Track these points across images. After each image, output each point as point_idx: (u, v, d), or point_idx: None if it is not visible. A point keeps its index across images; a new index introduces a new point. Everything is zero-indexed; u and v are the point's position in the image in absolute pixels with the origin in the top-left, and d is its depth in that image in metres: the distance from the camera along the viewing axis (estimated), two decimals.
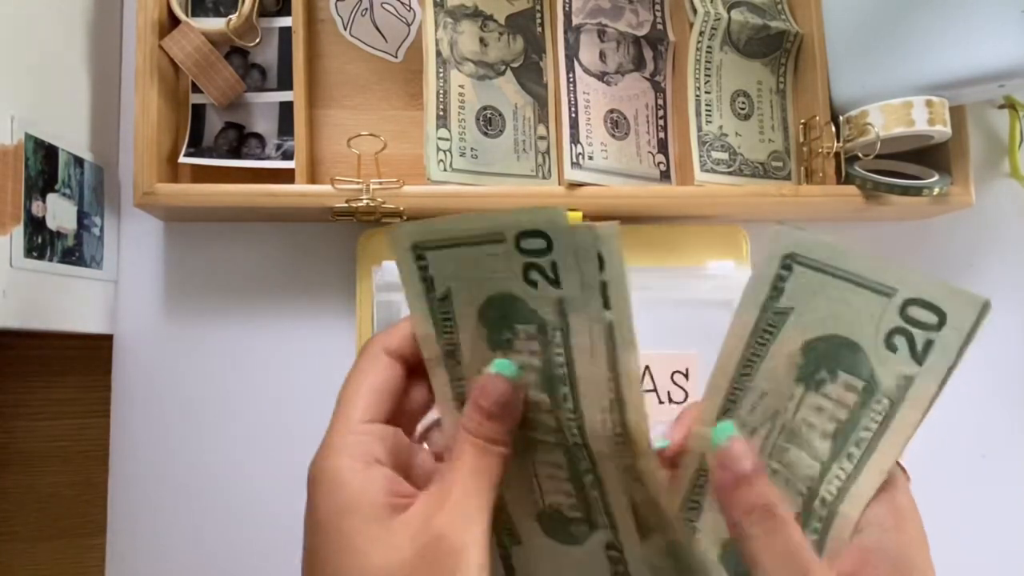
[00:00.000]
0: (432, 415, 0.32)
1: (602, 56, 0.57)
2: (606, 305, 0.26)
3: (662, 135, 0.58)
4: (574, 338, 0.28)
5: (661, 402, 0.54)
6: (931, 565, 0.27)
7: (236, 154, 0.55)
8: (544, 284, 0.28)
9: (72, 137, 0.51)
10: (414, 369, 0.31)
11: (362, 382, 0.30)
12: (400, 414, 0.31)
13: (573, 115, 0.54)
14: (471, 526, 0.27)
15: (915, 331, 0.27)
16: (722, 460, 0.28)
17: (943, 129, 0.52)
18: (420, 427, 0.33)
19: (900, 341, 0.27)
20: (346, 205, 0.50)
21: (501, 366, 0.29)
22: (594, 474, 0.29)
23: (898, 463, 0.29)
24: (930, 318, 0.26)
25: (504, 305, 0.29)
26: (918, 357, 0.27)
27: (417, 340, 0.31)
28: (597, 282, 0.26)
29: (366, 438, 0.28)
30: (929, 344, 0.26)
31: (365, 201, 0.50)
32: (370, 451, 0.28)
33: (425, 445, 0.32)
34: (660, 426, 0.31)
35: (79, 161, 0.52)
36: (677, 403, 0.54)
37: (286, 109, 0.55)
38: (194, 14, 0.55)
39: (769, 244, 0.28)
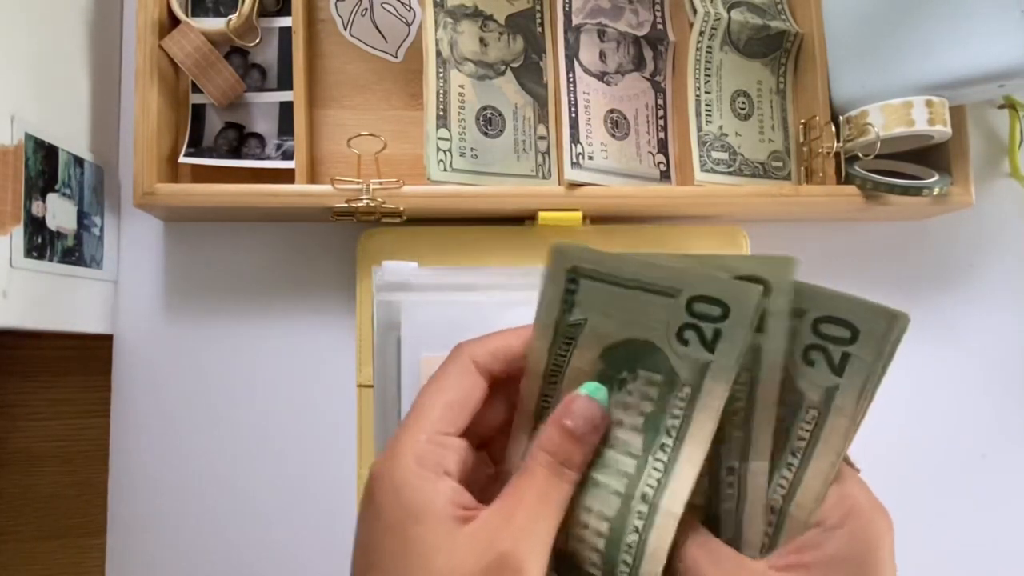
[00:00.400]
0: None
1: (602, 56, 0.57)
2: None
3: (662, 135, 0.58)
4: (703, 399, 0.28)
5: None
6: (885, 558, 0.27)
7: (236, 154, 0.55)
8: (696, 346, 0.28)
9: (72, 137, 0.51)
10: (494, 385, 0.31)
11: (446, 392, 0.29)
12: (473, 428, 0.30)
13: (573, 115, 0.54)
14: (535, 548, 0.26)
15: (830, 346, 0.28)
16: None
17: (943, 129, 0.52)
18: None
19: (817, 356, 0.28)
20: (346, 205, 0.50)
21: (592, 389, 0.29)
22: (641, 536, 0.28)
23: (847, 459, 0.29)
24: (842, 333, 0.27)
25: (638, 350, 0.29)
26: (836, 370, 0.28)
27: (520, 349, 0.30)
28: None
29: (439, 449, 0.28)
30: (845, 357, 0.27)
31: (365, 201, 0.50)
32: (441, 463, 0.28)
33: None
34: None
35: (79, 161, 0.52)
36: None
37: (286, 109, 0.55)
38: (194, 14, 0.55)
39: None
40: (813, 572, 0.27)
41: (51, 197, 0.48)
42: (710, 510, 0.30)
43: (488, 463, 0.32)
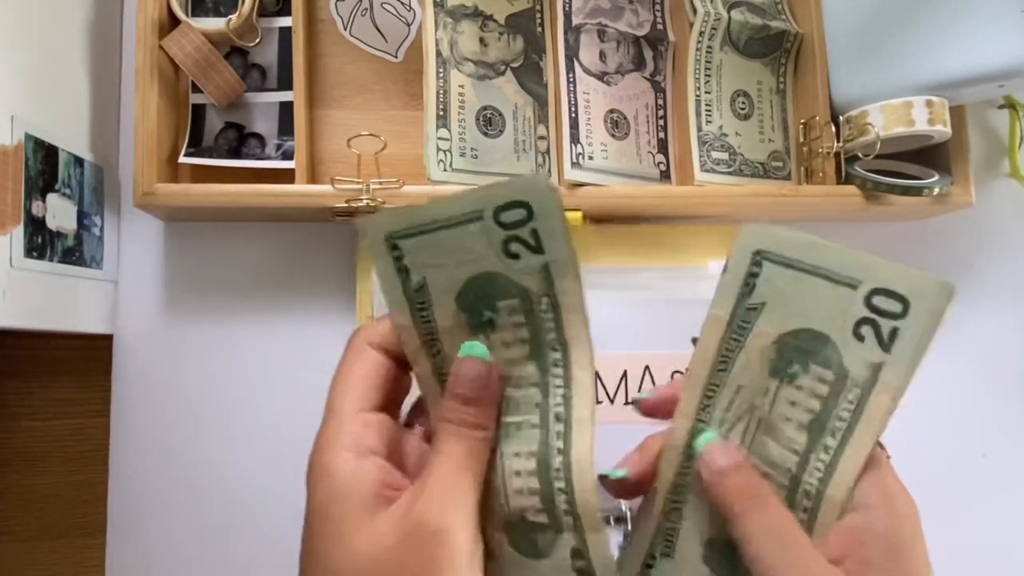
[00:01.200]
0: (412, 397, 0.33)
1: (602, 56, 0.57)
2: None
3: (662, 135, 0.58)
4: (563, 298, 0.28)
5: None
6: (921, 539, 0.28)
7: (236, 154, 0.55)
8: (526, 254, 0.28)
9: (72, 137, 0.51)
10: (401, 360, 0.31)
11: (350, 374, 0.30)
12: (391, 404, 0.31)
13: (573, 115, 0.54)
14: (452, 510, 0.27)
15: (881, 320, 0.27)
16: (707, 461, 0.29)
17: (943, 129, 0.52)
18: (404, 409, 0.33)
19: (867, 331, 0.28)
20: (346, 205, 0.50)
21: (470, 348, 0.30)
22: (564, 457, 0.29)
23: (878, 442, 0.29)
24: (894, 307, 0.27)
25: (483, 285, 0.29)
26: (885, 345, 0.27)
27: (399, 332, 0.31)
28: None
29: (359, 428, 0.29)
30: (895, 332, 0.27)
31: (365, 201, 0.50)
32: (363, 441, 0.28)
33: (417, 429, 0.32)
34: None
35: (79, 161, 0.52)
36: None
37: (286, 109, 0.55)
38: (194, 14, 0.55)
39: (739, 241, 0.29)
40: (872, 561, 0.27)
41: (51, 197, 0.48)
42: (792, 486, 0.30)
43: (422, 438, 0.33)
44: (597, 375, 0.30)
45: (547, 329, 0.29)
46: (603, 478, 0.31)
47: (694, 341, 0.31)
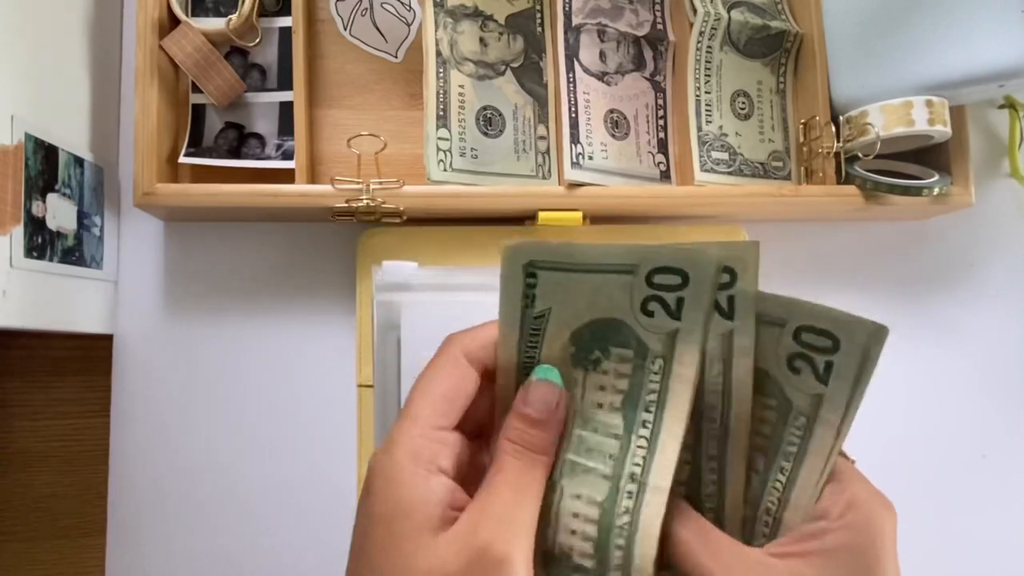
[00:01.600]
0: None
1: (602, 56, 0.57)
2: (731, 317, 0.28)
3: (662, 135, 0.58)
4: (678, 366, 0.28)
5: None
6: (887, 547, 0.27)
7: (236, 154, 0.55)
8: (662, 315, 0.28)
9: (72, 137, 0.51)
10: (487, 375, 0.31)
11: (437, 385, 0.30)
12: (470, 421, 0.30)
13: (573, 115, 0.54)
14: (515, 537, 0.27)
15: (814, 355, 0.28)
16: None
17: (943, 129, 0.52)
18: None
19: (802, 365, 0.28)
20: (346, 205, 0.50)
21: (544, 372, 0.29)
22: (632, 516, 0.28)
23: (842, 453, 0.29)
24: (824, 343, 0.28)
25: (605, 329, 0.29)
26: (821, 378, 0.28)
27: (498, 352, 0.30)
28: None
29: (434, 445, 0.28)
30: (829, 366, 0.28)
31: (365, 201, 0.50)
32: (435, 459, 0.28)
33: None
34: None
35: (79, 161, 0.52)
36: None
37: (286, 109, 0.55)
38: (194, 14, 0.55)
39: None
40: (811, 561, 0.27)
41: (51, 197, 0.48)
42: (693, 495, 0.30)
43: (487, 453, 0.33)
44: None
45: (649, 389, 0.29)
46: None
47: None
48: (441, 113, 0.52)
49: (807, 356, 0.28)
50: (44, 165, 0.48)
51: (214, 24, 0.54)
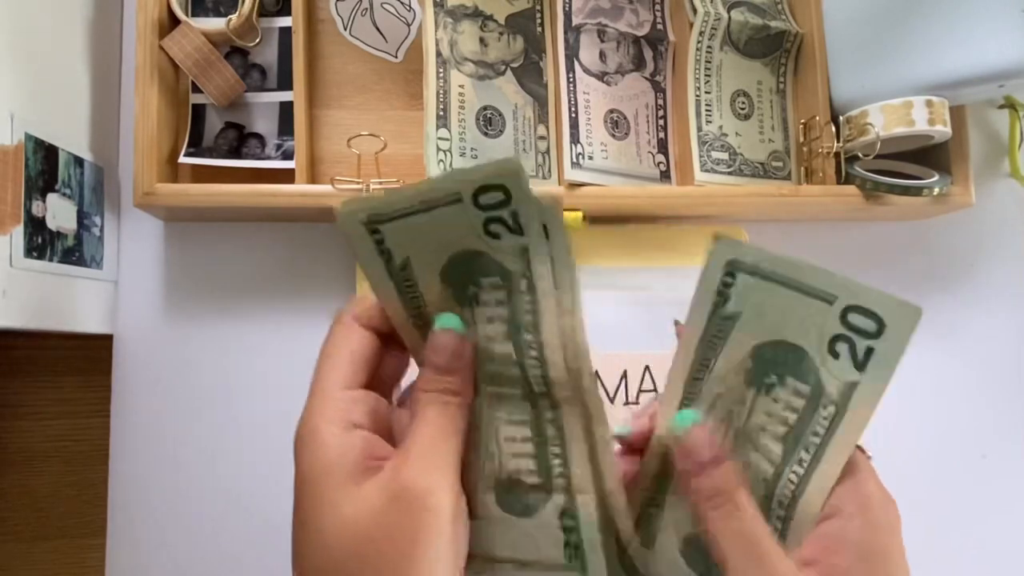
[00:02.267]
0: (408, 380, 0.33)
1: (602, 56, 0.57)
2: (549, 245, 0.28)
3: (662, 135, 0.58)
4: (538, 282, 0.29)
5: None
6: (898, 547, 0.28)
7: (236, 154, 0.55)
8: (507, 234, 0.29)
9: (72, 137, 0.51)
10: (386, 337, 0.32)
11: (337, 352, 0.31)
12: (378, 381, 0.32)
13: (573, 115, 0.54)
14: (435, 473, 0.28)
15: (856, 338, 0.28)
16: (685, 447, 0.30)
17: (943, 129, 0.52)
18: (399, 391, 0.34)
19: (842, 348, 0.28)
20: None
21: (444, 320, 0.30)
22: (556, 425, 0.30)
23: (858, 446, 0.29)
24: (869, 326, 0.28)
25: (467, 262, 0.30)
26: (859, 364, 0.28)
27: (386, 311, 0.31)
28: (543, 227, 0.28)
29: (345, 404, 0.29)
30: (869, 352, 0.28)
31: None
32: (348, 416, 0.29)
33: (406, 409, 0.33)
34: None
35: (79, 161, 0.52)
36: None
37: (286, 109, 0.55)
38: (194, 14, 0.55)
39: (711, 254, 0.29)
40: (842, 567, 0.27)
41: (51, 197, 0.48)
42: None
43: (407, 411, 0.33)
44: (597, 374, 0.30)
45: (524, 310, 0.29)
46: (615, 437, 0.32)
47: (676, 324, 0.31)
48: (441, 113, 0.52)
49: (849, 339, 0.28)
50: (44, 165, 0.48)
51: (214, 24, 0.54)
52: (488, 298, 0.30)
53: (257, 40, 0.55)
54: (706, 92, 0.56)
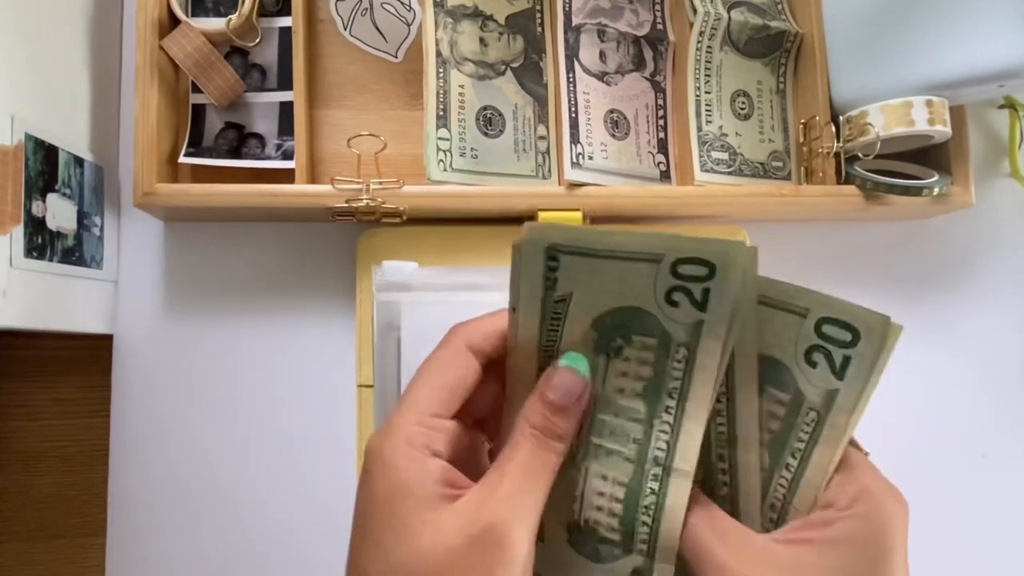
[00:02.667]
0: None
1: (602, 56, 0.57)
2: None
3: (662, 135, 0.58)
4: (702, 357, 0.28)
5: None
6: (898, 542, 0.27)
7: (236, 154, 0.55)
8: (687, 306, 0.28)
9: (72, 137, 0.51)
10: (492, 368, 0.31)
11: (438, 374, 0.30)
12: (465, 411, 0.31)
13: (573, 115, 0.54)
14: (520, 520, 0.27)
15: (832, 348, 0.28)
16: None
17: (943, 129, 0.52)
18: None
19: (819, 357, 0.28)
20: (346, 205, 0.50)
21: (572, 359, 0.29)
22: (658, 497, 0.29)
23: (855, 444, 0.29)
24: (844, 336, 0.28)
25: (627, 316, 0.29)
26: (837, 373, 0.28)
27: (513, 333, 0.30)
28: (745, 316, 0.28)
29: (430, 431, 0.29)
30: (847, 360, 0.28)
31: (365, 201, 0.50)
32: (430, 444, 0.28)
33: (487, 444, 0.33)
34: None
35: (79, 161, 0.52)
36: None
37: (286, 109, 0.55)
38: (194, 14, 0.55)
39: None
40: (818, 548, 0.27)
41: (51, 197, 0.48)
42: (706, 490, 0.31)
43: (485, 441, 0.33)
44: None
45: (672, 378, 0.29)
46: None
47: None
48: (441, 113, 0.52)
49: (826, 349, 0.28)
50: (44, 165, 0.48)
51: (214, 24, 0.54)
52: (633, 355, 0.29)
53: (257, 40, 0.55)
54: (706, 92, 0.56)
